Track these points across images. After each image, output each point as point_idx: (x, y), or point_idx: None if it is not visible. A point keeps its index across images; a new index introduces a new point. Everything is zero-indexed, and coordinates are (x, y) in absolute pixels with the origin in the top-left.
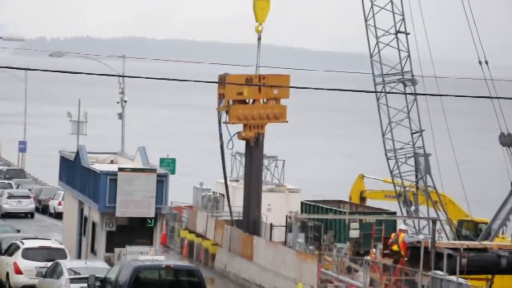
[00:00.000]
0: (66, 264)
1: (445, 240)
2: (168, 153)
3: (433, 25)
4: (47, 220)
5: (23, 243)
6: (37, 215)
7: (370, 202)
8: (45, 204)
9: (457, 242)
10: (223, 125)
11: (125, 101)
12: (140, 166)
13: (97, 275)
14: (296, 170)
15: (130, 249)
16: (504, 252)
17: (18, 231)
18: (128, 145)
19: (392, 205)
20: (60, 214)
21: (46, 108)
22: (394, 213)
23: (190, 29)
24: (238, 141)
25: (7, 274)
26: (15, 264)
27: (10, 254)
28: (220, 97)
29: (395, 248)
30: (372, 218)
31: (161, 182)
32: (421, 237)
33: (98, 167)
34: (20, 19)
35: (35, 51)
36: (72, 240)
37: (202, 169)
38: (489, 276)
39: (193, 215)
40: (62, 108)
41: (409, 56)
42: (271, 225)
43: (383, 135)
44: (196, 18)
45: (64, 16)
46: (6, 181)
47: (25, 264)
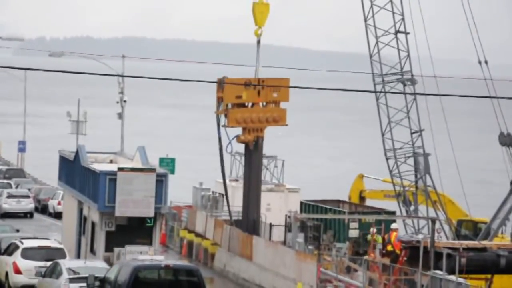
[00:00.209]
0: (66, 264)
1: (445, 240)
2: (168, 153)
3: (433, 25)
4: (47, 220)
5: (23, 243)
6: (37, 215)
7: (370, 202)
8: (45, 204)
9: (457, 242)
10: (222, 129)
11: (125, 101)
12: (140, 166)
13: (97, 275)
14: (296, 170)
15: (130, 249)
16: (504, 252)
17: (18, 231)
18: (128, 145)
19: (392, 205)
20: (60, 214)
21: (46, 108)
22: (394, 213)
23: (190, 29)
24: (237, 143)
25: (6, 274)
26: (15, 264)
27: (10, 254)
28: (219, 101)
29: (390, 249)
30: (372, 218)
31: (161, 182)
32: (420, 237)
33: (98, 167)
34: (20, 19)
35: (35, 51)
36: (72, 240)
37: (202, 169)
38: (489, 276)
39: (193, 215)
40: (62, 108)
41: (409, 56)
42: (271, 225)
43: (383, 135)
44: (196, 18)
45: (64, 16)
46: (6, 181)
47: (25, 264)
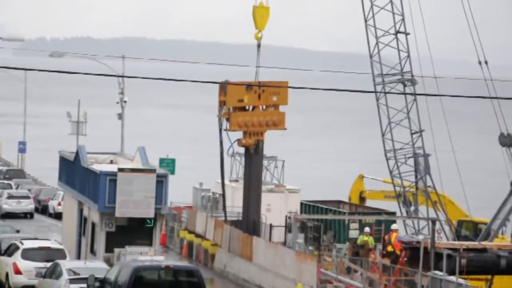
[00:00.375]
0: (66, 265)
1: (445, 240)
2: (168, 154)
3: (433, 25)
4: (47, 221)
5: (23, 244)
6: (37, 216)
7: (370, 203)
8: (45, 205)
9: (457, 243)
10: (224, 132)
11: (125, 101)
12: (140, 167)
13: (97, 276)
14: (296, 171)
15: (130, 250)
16: (504, 253)
17: (18, 232)
18: (128, 146)
19: (392, 206)
20: (60, 215)
21: (46, 108)
22: (394, 214)
23: (190, 29)
24: (238, 147)
25: (7, 275)
26: (15, 265)
27: (10, 255)
28: (221, 104)
29: (390, 249)
30: (372, 219)
31: (161, 183)
32: (421, 237)
33: (98, 168)
34: (20, 19)
35: (35, 51)
36: (72, 241)
37: (202, 170)
38: (489, 277)
39: (193, 216)
40: (62, 108)
41: (409, 56)
42: (271, 226)
43: (383, 135)
44: (196, 18)
45: (64, 17)
46: (6, 182)
47: (25, 265)
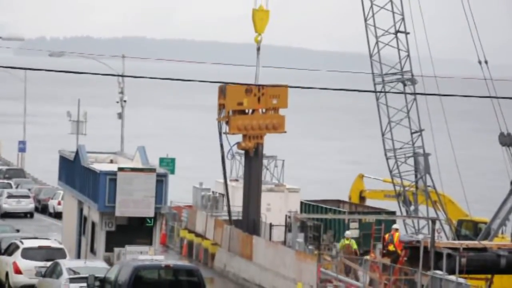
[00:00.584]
0: (66, 264)
1: (445, 240)
2: (168, 153)
3: (433, 25)
4: (47, 220)
5: (23, 243)
6: (37, 215)
7: (370, 202)
8: (45, 204)
9: (457, 242)
10: (223, 136)
11: (125, 101)
12: (140, 166)
13: (97, 275)
14: (295, 170)
15: (130, 249)
16: (504, 252)
17: (18, 231)
18: (128, 145)
19: (392, 205)
20: (60, 214)
21: (46, 108)
22: (394, 213)
23: (190, 29)
24: (238, 150)
25: (7, 274)
26: (15, 264)
27: (10, 254)
28: (220, 108)
29: (391, 248)
30: (372, 218)
31: (161, 182)
32: (421, 237)
33: (98, 167)
34: (20, 19)
35: (35, 51)
36: (72, 240)
37: (202, 169)
38: (489, 276)
39: (193, 215)
40: (62, 108)
41: (409, 56)
42: (271, 225)
43: (383, 135)
44: (196, 18)
45: (64, 16)
46: (6, 181)
47: (25, 264)
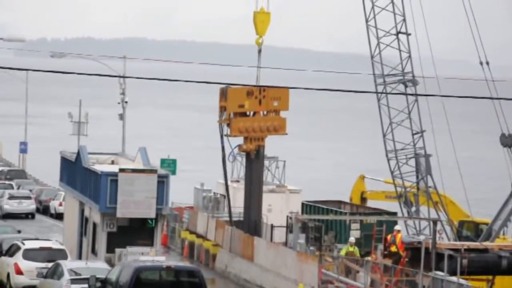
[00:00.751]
0: (67, 265)
1: (446, 241)
2: (169, 154)
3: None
4: (48, 221)
5: (24, 244)
6: (38, 216)
7: (371, 203)
8: (46, 205)
9: (458, 243)
10: (225, 138)
11: (126, 102)
12: (141, 167)
13: (98, 276)
14: (297, 171)
15: (131, 250)
16: (505, 253)
17: (19, 232)
18: (129, 146)
19: (393, 206)
20: (61, 215)
21: (47, 109)
22: (395, 214)
23: (191, 30)
24: (239, 152)
25: (8, 275)
26: (16, 265)
27: (11, 255)
28: (222, 110)
29: (393, 249)
30: (373, 219)
31: (162, 183)
32: (422, 238)
33: (99, 168)
34: (21, 20)
35: (36, 52)
36: (73, 241)
37: (203, 170)
38: (490, 277)
39: (194, 216)
40: (63, 109)
41: (410, 57)
42: (272, 226)
43: (384, 136)
44: (196, 19)
45: (65, 17)
46: (7, 182)
47: (26, 265)
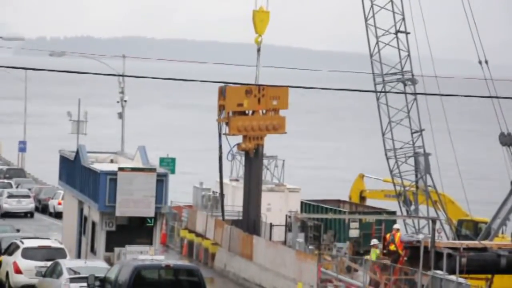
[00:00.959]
0: (66, 264)
1: (445, 240)
2: (168, 153)
3: (433, 25)
4: (47, 220)
5: (23, 243)
6: (37, 215)
7: (370, 202)
8: (45, 204)
9: (457, 242)
10: (223, 137)
11: (125, 101)
12: (140, 166)
13: (97, 275)
14: (296, 170)
15: (130, 249)
16: (504, 252)
17: (18, 231)
18: (128, 145)
19: (392, 205)
20: (60, 214)
21: (46, 108)
22: (394, 213)
23: (190, 29)
24: (238, 151)
25: (7, 274)
26: (15, 264)
27: (10, 254)
28: (220, 109)
29: (392, 248)
30: (372, 218)
31: (161, 182)
32: (421, 236)
33: (98, 167)
34: (20, 19)
35: (35, 51)
36: (72, 240)
37: (202, 169)
38: (489, 276)
39: (193, 215)
40: (62, 108)
41: (409, 56)
42: (271, 225)
43: (383, 135)
44: (196, 18)
45: (64, 16)
46: (6, 181)
47: (25, 264)
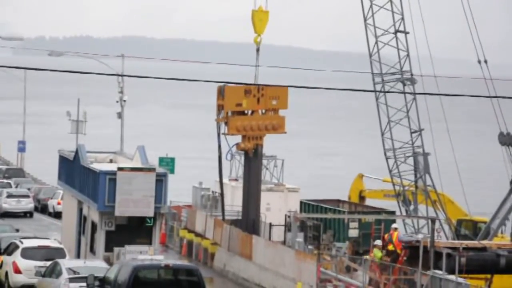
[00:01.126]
0: (65, 264)
1: (444, 240)
2: (167, 152)
3: (432, 24)
4: (46, 220)
5: (22, 243)
6: (36, 215)
7: (369, 202)
8: (44, 204)
9: (456, 242)
10: (222, 136)
11: (124, 101)
12: (139, 166)
13: (96, 275)
14: (295, 170)
15: (129, 249)
16: (503, 252)
17: (17, 231)
18: (127, 144)
19: (391, 205)
20: (59, 214)
21: (46, 108)
22: (393, 213)
23: (190, 29)
24: (237, 151)
25: (6, 273)
26: (14, 264)
27: (9, 254)
28: (219, 108)
29: (391, 248)
30: (371, 218)
31: (160, 182)
32: (420, 236)
33: (97, 167)
34: (20, 18)
35: (34, 51)
36: (71, 240)
37: (202, 169)
38: (488, 276)
39: (192, 215)
40: (61, 107)
41: (408, 55)
42: (270, 225)
43: (382, 134)
44: (196, 18)
45: (63, 15)
46: (5, 181)
47: (24, 264)
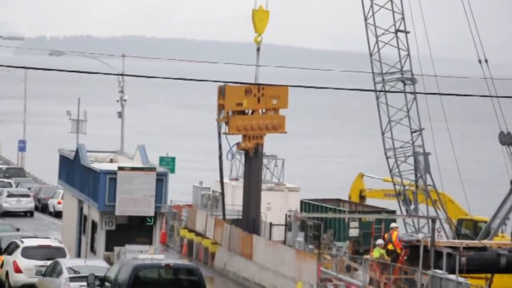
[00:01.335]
0: (66, 263)
1: (445, 239)
2: (168, 152)
3: (433, 24)
4: (47, 219)
5: (23, 242)
6: (37, 214)
7: (370, 201)
8: (45, 203)
9: (457, 241)
10: (223, 136)
11: (125, 100)
12: (140, 165)
13: (97, 274)
14: (296, 169)
15: (130, 248)
16: (504, 251)
17: (18, 230)
18: (128, 144)
19: (392, 204)
20: (60, 213)
21: (46, 107)
22: (394, 212)
23: (190, 28)
24: (238, 150)
25: (7, 273)
26: (15, 263)
27: (10, 253)
28: (220, 108)
29: (390, 247)
30: (372, 217)
31: (161, 181)
32: (421, 236)
33: (98, 166)
34: (20, 18)
35: (35, 50)
36: (72, 239)
37: (202, 168)
38: (489, 275)
39: (193, 214)
40: (62, 107)
41: (409, 55)
42: (271, 224)
43: (383, 134)
44: (196, 18)
45: (64, 15)
46: (6, 180)
47: (25, 263)
